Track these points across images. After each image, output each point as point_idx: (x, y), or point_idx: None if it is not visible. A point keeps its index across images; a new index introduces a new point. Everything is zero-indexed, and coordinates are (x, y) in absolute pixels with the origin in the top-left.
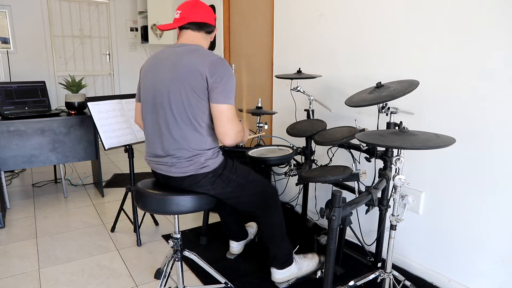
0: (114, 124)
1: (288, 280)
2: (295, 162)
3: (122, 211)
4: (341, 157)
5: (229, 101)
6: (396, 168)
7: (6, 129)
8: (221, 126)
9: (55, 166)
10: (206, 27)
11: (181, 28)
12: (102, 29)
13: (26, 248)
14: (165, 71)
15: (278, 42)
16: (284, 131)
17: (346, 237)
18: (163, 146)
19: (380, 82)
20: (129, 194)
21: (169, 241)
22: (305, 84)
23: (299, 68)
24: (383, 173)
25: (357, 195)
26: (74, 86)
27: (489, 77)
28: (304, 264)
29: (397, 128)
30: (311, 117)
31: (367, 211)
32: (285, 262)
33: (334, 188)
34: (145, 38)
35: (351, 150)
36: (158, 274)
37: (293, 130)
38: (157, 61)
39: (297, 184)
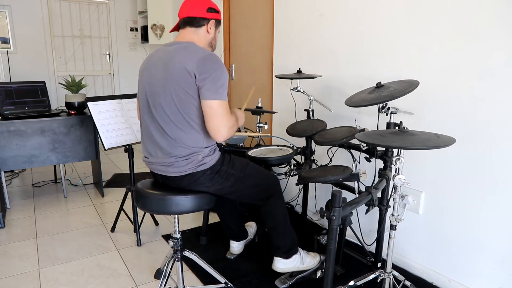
0: (114, 124)
1: (289, 273)
2: (295, 162)
3: (122, 211)
4: (341, 157)
5: (219, 96)
6: (396, 168)
7: (6, 129)
8: (211, 122)
9: (55, 166)
10: (191, 22)
11: (179, 28)
12: (102, 29)
13: (26, 248)
14: (158, 71)
15: (278, 42)
16: (284, 131)
17: (346, 237)
18: (160, 146)
19: (380, 82)
20: (129, 194)
21: (169, 241)
22: (305, 84)
23: (299, 68)
24: (383, 173)
25: (357, 195)
26: (74, 86)
27: (489, 77)
28: (307, 259)
29: (397, 128)
30: (311, 117)
31: (367, 211)
32: (289, 251)
33: (334, 188)
34: (145, 38)
35: (351, 150)
36: (158, 274)
37: (293, 130)
38: (151, 61)
39: (297, 184)
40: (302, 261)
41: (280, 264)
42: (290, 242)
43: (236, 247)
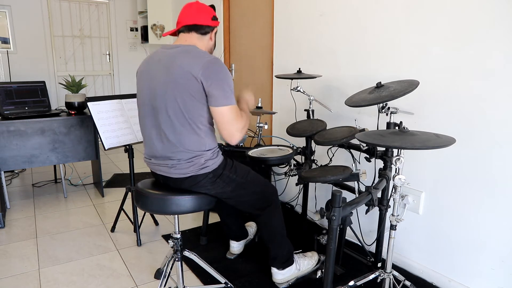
0: (114, 124)
1: (289, 281)
2: (295, 162)
3: (122, 211)
4: (341, 157)
5: (228, 101)
6: (396, 168)
7: (6, 129)
8: (225, 129)
9: (55, 166)
10: (196, 29)
11: (179, 32)
12: (102, 29)
13: (26, 248)
14: (159, 74)
15: (278, 42)
16: (284, 131)
17: (346, 237)
18: (161, 149)
19: (380, 82)
20: (129, 194)
21: (169, 241)
22: (305, 84)
23: (299, 68)
24: (383, 173)
25: (357, 195)
26: (74, 86)
27: (489, 77)
28: (304, 264)
29: (397, 128)
30: (311, 117)
31: (367, 211)
32: (285, 262)
33: (334, 188)
34: (145, 38)
35: (351, 150)
36: (158, 274)
37: (293, 130)
38: (151, 63)
39: (297, 184)
40: (300, 267)
41: (279, 276)
42: (287, 253)
43: (236, 247)
